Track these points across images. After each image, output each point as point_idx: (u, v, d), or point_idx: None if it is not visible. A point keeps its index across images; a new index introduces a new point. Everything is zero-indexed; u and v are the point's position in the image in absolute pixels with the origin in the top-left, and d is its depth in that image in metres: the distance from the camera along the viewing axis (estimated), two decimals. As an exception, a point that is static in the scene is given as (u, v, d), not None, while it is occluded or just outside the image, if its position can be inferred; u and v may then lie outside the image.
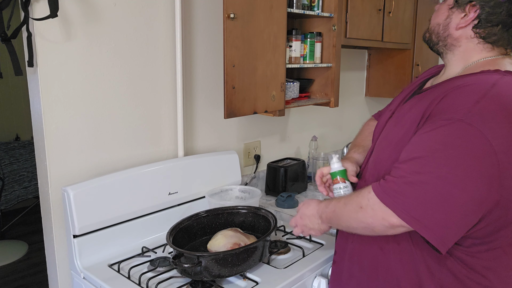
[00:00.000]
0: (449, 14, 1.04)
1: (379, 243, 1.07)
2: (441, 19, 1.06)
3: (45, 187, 1.36)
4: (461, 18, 1.01)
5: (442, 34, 1.06)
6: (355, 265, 1.14)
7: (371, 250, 1.10)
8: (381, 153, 1.09)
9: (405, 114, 1.05)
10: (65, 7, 1.29)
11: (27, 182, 3.44)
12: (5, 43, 1.20)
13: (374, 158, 1.12)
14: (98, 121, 1.43)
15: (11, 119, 4.19)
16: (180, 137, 1.63)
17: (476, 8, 0.98)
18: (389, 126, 1.12)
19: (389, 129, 1.10)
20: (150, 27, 1.51)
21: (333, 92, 1.97)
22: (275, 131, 2.12)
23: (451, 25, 1.04)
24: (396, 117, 1.10)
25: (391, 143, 1.05)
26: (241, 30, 1.49)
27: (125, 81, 1.48)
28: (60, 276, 1.41)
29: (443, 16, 1.06)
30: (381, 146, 1.10)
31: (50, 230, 1.39)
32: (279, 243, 1.42)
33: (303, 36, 1.86)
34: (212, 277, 1.17)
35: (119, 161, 1.50)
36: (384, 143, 1.09)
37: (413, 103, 1.05)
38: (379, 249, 1.07)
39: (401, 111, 1.09)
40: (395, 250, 1.04)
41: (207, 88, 1.75)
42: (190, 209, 1.57)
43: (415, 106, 1.03)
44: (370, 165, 1.14)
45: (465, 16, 1.01)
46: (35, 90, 1.30)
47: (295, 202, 1.82)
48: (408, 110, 1.05)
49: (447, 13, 1.04)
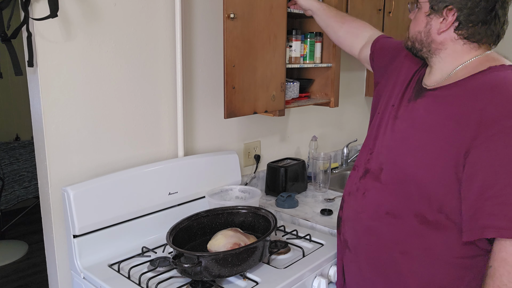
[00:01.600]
0: (428, 20, 1.05)
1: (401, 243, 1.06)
2: (421, 26, 1.07)
3: (45, 187, 1.36)
4: (440, 22, 1.03)
5: (426, 41, 1.07)
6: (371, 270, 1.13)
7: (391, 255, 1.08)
8: (403, 157, 1.06)
9: (423, 116, 1.04)
10: (65, 7, 1.29)
11: (27, 182, 3.44)
12: (5, 43, 1.20)
13: (395, 162, 1.09)
14: (98, 121, 1.43)
15: (11, 119, 4.19)
16: (180, 137, 1.63)
17: (453, 11, 1.00)
18: (400, 127, 1.10)
19: (404, 131, 1.08)
20: (150, 27, 1.51)
21: (333, 92, 1.97)
22: (275, 131, 2.12)
23: (432, 31, 1.05)
24: (407, 118, 1.09)
25: (415, 147, 1.03)
26: (241, 30, 1.49)
27: (125, 81, 1.48)
28: (60, 276, 1.41)
29: (422, 23, 1.07)
30: (401, 150, 1.08)
31: (50, 230, 1.39)
32: (279, 243, 1.42)
33: (303, 36, 1.86)
34: (212, 277, 1.17)
35: (119, 161, 1.50)
36: (404, 147, 1.07)
37: (427, 104, 1.05)
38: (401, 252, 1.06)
39: (413, 112, 1.08)
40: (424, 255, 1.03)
41: (207, 88, 1.75)
42: (190, 209, 1.57)
43: (434, 109, 1.03)
44: (388, 168, 1.10)
45: (444, 20, 1.02)
46: (35, 90, 1.30)
47: (295, 202, 1.82)
48: (425, 112, 1.04)
49: (425, 20, 1.06)
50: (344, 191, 1.27)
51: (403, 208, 1.05)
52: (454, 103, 0.99)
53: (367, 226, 1.14)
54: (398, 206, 1.06)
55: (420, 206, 1.02)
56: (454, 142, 0.95)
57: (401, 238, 1.06)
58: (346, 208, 1.23)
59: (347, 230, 1.21)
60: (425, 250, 1.03)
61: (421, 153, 1.01)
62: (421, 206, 1.02)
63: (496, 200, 0.87)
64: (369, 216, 1.13)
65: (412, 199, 1.03)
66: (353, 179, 1.23)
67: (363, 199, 1.16)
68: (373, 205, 1.12)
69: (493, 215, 0.87)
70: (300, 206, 1.82)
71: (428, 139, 1.00)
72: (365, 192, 1.15)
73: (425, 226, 1.02)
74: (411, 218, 1.03)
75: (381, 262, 1.11)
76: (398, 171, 1.07)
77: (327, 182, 2.03)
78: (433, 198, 0.99)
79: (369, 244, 1.14)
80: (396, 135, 1.10)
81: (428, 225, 1.01)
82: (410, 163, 1.04)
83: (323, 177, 2.01)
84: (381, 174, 1.11)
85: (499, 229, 0.86)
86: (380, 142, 1.16)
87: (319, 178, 2.02)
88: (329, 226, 1.60)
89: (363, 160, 1.21)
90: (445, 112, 0.99)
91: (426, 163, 1.00)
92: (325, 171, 2.01)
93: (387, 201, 1.09)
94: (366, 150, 1.22)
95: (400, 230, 1.06)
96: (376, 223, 1.11)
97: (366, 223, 1.14)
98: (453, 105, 0.99)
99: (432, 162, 0.99)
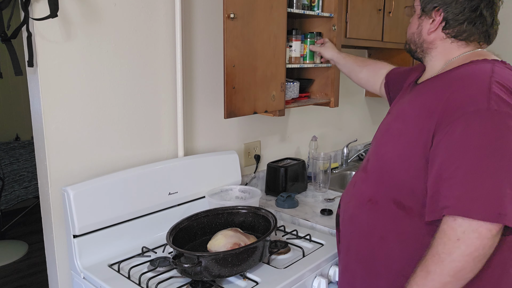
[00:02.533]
0: (420, 22, 1.14)
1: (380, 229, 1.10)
2: (414, 28, 1.16)
3: (45, 187, 1.36)
4: (430, 23, 1.11)
5: (418, 41, 1.16)
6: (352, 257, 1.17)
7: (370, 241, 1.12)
8: (383, 147, 1.13)
9: (405, 109, 1.10)
10: (65, 7, 1.29)
11: (27, 182, 3.44)
12: (5, 43, 1.20)
13: (377, 151, 1.16)
14: (98, 121, 1.43)
15: (11, 119, 4.19)
16: (180, 137, 1.63)
17: (440, 11, 1.08)
18: (388, 120, 1.17)
19: (389, 123, 1.15)
20: (150, 27, 1.51)
21: (333, 92, 1.97)
22: (275, 131, 2.12)
23: (423, 32, 1.13)
24: (395, 112, 1.15)
25: (393, 136, 1.09)
26: (241, 30, 1.49)
27: (125, 81, 1.48)
28: (60, 276, 1.41)
29: (415, 25, 1.16)
30: (382, 140, 1.15)
31: (50, 230, 1.39)
32: (279, 243, 1.42)
33: (303, 36, 1.86)
34: (212, 277, 1.17)
35: (119, 161, 1.50)
36: (386, 137, 1.14)
37: (410, 98, 1.11)
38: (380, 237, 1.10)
39: (400, 106, 1.14)
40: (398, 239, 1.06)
41: (207, 88, 1.75)
42: (190, 209, 1.57)
43: (414, 101, 1.09)
44: (372, 158, 1.17)
45: (433, 21, 1.10)
46: (35, 90, 1.30)
47: (295, 202, 1.82)
48: (407, 105, 1.10)
49: (417, 22, 1.15)
50: None
51: (382, 195, 1.10)
52: (430, 93, 1.05)
53: (351, 214, 1.19)
54: (377, 193, 1.12)
55: (396, 192, 1.07)
56: (423, 129, 1.00)
57: (379, 224, 1.10)
58: (341, 203, 1.29)
59: (340, 223, 1.26)
60: (398, 235, 1.06)
61: (397, 142, 1.07)
62: (397, 192, 1.06)
63: (450, 181, 0.91)
64: (354, 204, 1.18)
65: (389, 185, 1.08)
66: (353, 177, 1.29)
67: (352, 190, 1.22)
68: (358, 194, 1.18)
69: (446, 196, 0.92)
70: (300, 206, 1.82)
71: (404, 128, 1.06)
72: (355, 184, 1.22)
73: (402, 211, 1.06)
74: (390, 204, 1.08)
75: (360, 249, 1.15)
76: (379, 160, 1.13)
77: (327, 182, 2.03)
78: (406, 183, 1.04)
79: (352, 232, 1.18)
80: (382, 128, 1.18)
81: (404, 210, 1.05)
82: (387, 151, 1.10)
83: (323, 177, 2.01)
84: (368, 165, 1.18)
85: (448, 208, 0.91)
86: (373, 140, 1.23)
87: (319, 178, 2.02)
88: (329, 226, 1.60)
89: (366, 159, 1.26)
90: (421, 102, 1.05)
91: (400, 151, 1.06)
92: (325, 171, 2.01)
93: (369, 190, 1.14)
94: None
95: (378, 216, 1.11)
96: (358, 211, 1.16)
97: (351, 211, 1.19)
98: (428, 95, 1.05)
99: (405, 149, 1.04)
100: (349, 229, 1.19)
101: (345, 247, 1.21)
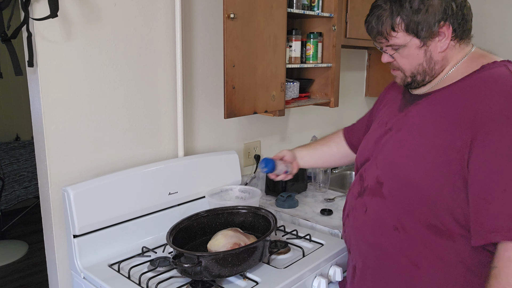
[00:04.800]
0: (426, 49, 1.02)
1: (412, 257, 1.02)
2: (420, 59, 1.03)
3: (45, 187, 1.36)
4: (439, 41, 1.01)
5: (428, 68, 1.04)
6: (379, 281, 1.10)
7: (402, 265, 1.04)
8: (403, 167, 1.03)
9: (416, 122, 1.02)
10: (65, 7, 1.29)
11: (27, 182, 3.44)
12: (5, 43, 1.20)
13: (394, 173, 1.05)
14: (98, 121, 1.43)
15: (11, 119, 4.19)
16: (180, 137, 1.63)
17: (448, 24, 0.99)
18: (397, 137, 1.07)
19: (401, 140, 1.05)
20: (150, 27, 1.51)
21: (333, 92, 1.97)
22: (275, 131, 2.12)
23: (433, 55, 1.03)
24: (403, 127, 1.06)
25: (415, 155, 1.00)
26: (241, 30, 1.49)
27: (125, 81, 1.48)
28: (60, 276, 1.41)
29: (419, 56, 1.03)
30: (399, 159, 1.04)
31: (50, 230, 1.39)
32: (279, 243, 1.42)
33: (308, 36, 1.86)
34: (212, 277, 1.17)
35: (119, 161, 1.50)
36: (402, 156, 1.03)
37: (420, 110, 1.04)
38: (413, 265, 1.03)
39: (409, 120, 1.06)
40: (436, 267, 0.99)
41: (207, 88, 1.75)
42: (190, 209, 1.57)
43: (429, 113, 1.01)
44: (388, 181, 1.06)
45: (442, 38, 1.01)
46: (35, 90, 1.30)
47: (295, 202, 1.82)
48: (419, 118, 1.03)
49: (422, 51, 1.02)
50: (342, 216, 1.26)
51: (411, 221, 1.01)
52: (449, 104, 0.98)
53: (373, 243, 1.10)
54: (404, 219, 1.02)
55: (429, 216, 0.98)
56: (454, 145, 0.93)
57: (411, 252, 1.02)
58: (347, 230, 1.20)
59: (353, 251, 1.18)
60: (436, 261, 0.99)
61: (422, 160, 0.98)
62: (430, 216, 0.98)
63: (497, 202, 0.86)
64: (374, 232, 1.09)
65: (419, 209, 1.00)
66: (349, 200, 1.20)
67: (364, 217, 1.11)
68: (377, 221, 1.08)
69: (496, 217, 0.86)
70: (300, 206, 1.82)
71: (427, 145, 0.98)
72: (366, 210, 1.11)
73: (437, 236, 0.98)
74: (422, 229, 1.00)
75: (391, 278, 1.07)
76: (401, 183, 1.03)
77: (327, 182, 2.03)
78: (441, 205, 0.96)
79: (377, 261, 1.09)
80: (392, 146, 1.07)
81: (441, 234, 0.98)
82: (411, 172, 1.00)
83: (323, 177, 2.01)
84: (382, 188, 1.07)
85: (505, 232, 0.84)
86: (374, 160, 1.12)
87: (319, 178, 2.02)
88: (329, 226, 1.60)
89: (356, 180, 1.19)
90: (440, 114, 0.98)
91: (429, 170, 0.97)
92: (325, 171, 2.01)
93: (393, 216, 1.05)
94: (357, 170, 1.23)
95: (410, 244, 1.02)
96: (381, 239, 1.07)
97: (372, 240, 1.10)
98: (448, 106, 0.98)
99: (434, 167, 0.96)
100: (373, 258, 1.10)
101: (372, 279, 1.12)
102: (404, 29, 1.00)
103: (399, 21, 0.99)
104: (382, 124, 1.17)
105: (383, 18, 1.01)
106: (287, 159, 1.44)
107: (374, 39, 1.08)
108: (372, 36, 1.08)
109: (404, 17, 0.99)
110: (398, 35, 1.01)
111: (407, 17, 0.98)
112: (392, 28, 1.01)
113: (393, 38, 1.02)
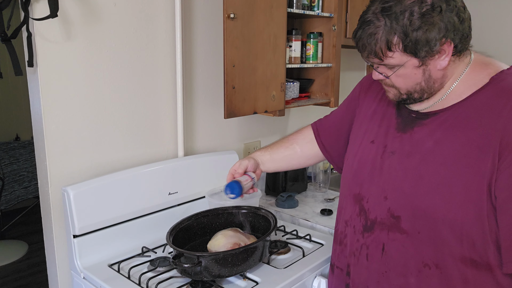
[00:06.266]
0: (424, 68, 0.92)
1: None
2: (418, 78, 0.94)
3: (45, 187, 1.36)
4: (438, 59, 0.91)
5: (427, 85, 0.95)
6: None
7: None
8: (426, 199, 0.94)
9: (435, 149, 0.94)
10: (65, 7, 1.29)
11: (27, 182, 3.44)
12: (5, 43, 1.20)
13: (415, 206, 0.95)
14: (98, 121, 1.43)
15: (11, 119, 4.19)
16: (180, 137, 1.63)
17: (449, 41, 0.89)
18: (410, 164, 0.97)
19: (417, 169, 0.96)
20: (150, 27, 1.51)
21: (333, 92, 1.97)
22: (275, 131, 2.12)
23: (432, 73, 0.93)
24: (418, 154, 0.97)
25: (440, 186, 0.91)
26: (241, 30, 1.49)
27: (125, 81, 1.48)
28: (60, 276, 1.41)
29: (418, 75, 0.93)
30: (418, 191, 0.95)
31: (50, 230, 1.39)
32: (279, 243, 1.42)
33: (308, 36, 1.86)
34: (212, 277, 1.17)
35: (119, 161, 1.50)
36: (423, 187, 0.94)
37: (433, 133, 0.95)
38: None
39: (420, 145, 0.97)
40: None
41: (207, 88, 1.75)
42: (190, 209, 1.57)
43: (445, 137, 0.93)
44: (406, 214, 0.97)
45: (443, 55, 0.90)
46: (35, 90, 1.30)
47: (295, 202, 1.82)
48: (435, 143, 0.94)
49: (421, 70, 0.92)
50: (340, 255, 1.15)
51: (443, 256, 0.93)
52: (468, 126, 0.90)
53: (401, 284, 1.00)
54: (435, 255, 0.94)
55: (463, 249, 0.91)
56: (480, 170, 0.86)
57: (448, 287, 0.94)
58: (357, 272, 1.08)
59: None
60: None
61: (446, 190, 0.90)
62: (465, 249, 0.91)
63: None
64: (401, 273, 0.99)
65: (452, 243, 0.92)
66: (351, 235, 1.09)
67: (385, 257, 1.01)
68: (403, 260, 0.98)
69: None
70: (300, 206, 1.82)
71: (450, 173, 0.90)
72: (384, 248, 1.01)
73: (475, 269, 0.91)
74: (457, 264, 0.92)
75: None
76: (423, 216, 0.94)
77: (327, 182, 2.03)
78: (476, 236, 0.89)
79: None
80: (404, 175, 0.98)
81: (477, 267, 0.91)
82: (436, 204, 0.91)
83: (323, 177, 2.01)
84: (400, 223, 0.97)
85: None
86: (378, 189, 1.02)
87: (319, 178, 2.02)
88: (329, 226, 1.60)
89: (354, 211, 1.08)
90: (461, 139, 0.90)
91: (456, 200, 0.89)
92: (325, 171, 2.01)
93: (420, 251, 0.96)
94: (351, 198, 1.09)
95: (445, 279, 0.94)
96: (411, 279, 0.98)
97: (400, 281, 1.00)
98: (467, 129, 0.90)
99: (463, 197, 0.88)
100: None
101: None
102: (402, 49, 0.88)
103: (397, 41, 0.87)
104: (377, 144, 1.06)
105: (377, 36, 0.89)
106: (251, 169, 1.31)
107: (365, 58, 0.96)
108: (364, 55, 0.95)
109: (402, 36, 0.87)
110: (394, 55, 0.90)
111: (405, 36, 0.86)
112: (388, 48, 0.89)
113: (388, 58, 0.91)
